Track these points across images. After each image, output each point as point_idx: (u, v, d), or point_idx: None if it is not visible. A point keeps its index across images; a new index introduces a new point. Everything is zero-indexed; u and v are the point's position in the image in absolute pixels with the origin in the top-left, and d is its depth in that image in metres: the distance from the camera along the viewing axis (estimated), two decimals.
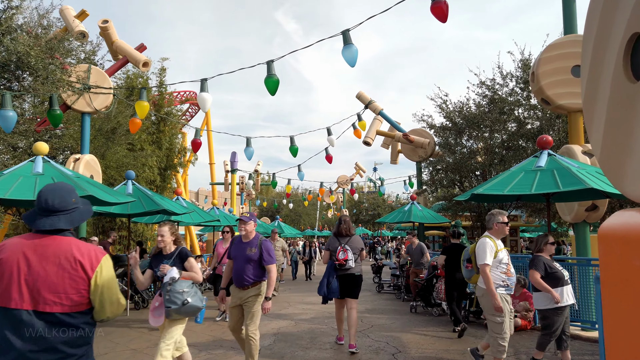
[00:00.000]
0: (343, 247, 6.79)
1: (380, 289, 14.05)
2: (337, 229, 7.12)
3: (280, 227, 22.45)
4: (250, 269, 5.31)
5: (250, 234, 5.46)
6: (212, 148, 33.23)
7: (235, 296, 5.44)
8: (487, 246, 5.28)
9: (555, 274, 5.54)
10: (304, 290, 14.64)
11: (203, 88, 11.64)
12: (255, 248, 5.35)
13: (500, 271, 5.32)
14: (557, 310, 5.44)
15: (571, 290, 5.58)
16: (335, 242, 6.95)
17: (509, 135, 15.75)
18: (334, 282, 6.74)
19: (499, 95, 16.18)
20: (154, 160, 20.67)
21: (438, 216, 14.39)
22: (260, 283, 5.42)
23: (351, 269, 6.77)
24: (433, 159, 17.19)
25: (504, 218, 5.47)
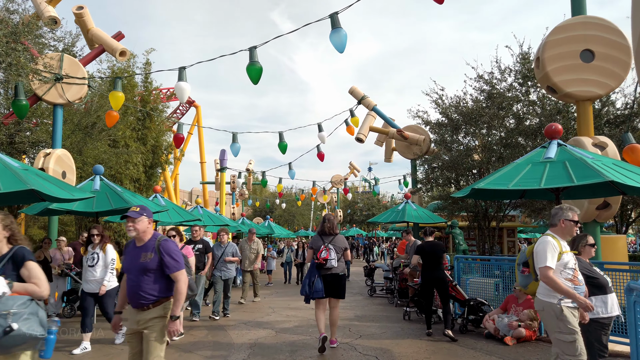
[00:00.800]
0: (326, 246, 6.71)
1: (372, 292, 13.19)
2: (321, 227, 7.05)
3: (271, 227, 21.57)
4: (148, 281, 3.97)
5: (143, 234, 4.03)
6: (203, 146, 32.35)
7: (132, 320, 4.07)
8: (549, 246, 4.21)
9: (597, 281, 4.68)
10: (291, 294, 13.76)
11: (181, 77, 10.78)
12: (152, 253, 3.98)
13: (565, 277, 4.23)
14: (599, 322, 4.60)
15: (616, 299, 4.72)
16: (318, 240, 6.88)
17: (507, 132, 14.93)
18: (317, 281, 6.60)
19: (497, 89, 15.37)
20: (139, 157, 19.79)
21: (434, 216, 13.54)
22: (166, 300, 4.06)
23: (334, 269, 6.68)
24: (428, 157, 16.34)
25: (575, 216, 4.40)
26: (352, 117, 17.74)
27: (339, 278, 6.75)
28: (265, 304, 11.65)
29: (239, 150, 14.89)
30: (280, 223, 45.73)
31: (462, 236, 13.98)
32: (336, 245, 6.78)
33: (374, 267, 13.67)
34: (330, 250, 6.66)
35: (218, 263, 9.68)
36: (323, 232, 6.93)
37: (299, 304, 11.42)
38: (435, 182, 16.18)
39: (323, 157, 18.69)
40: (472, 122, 15.25)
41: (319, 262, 6.60)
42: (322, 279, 6.64)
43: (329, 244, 6.75)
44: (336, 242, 6.82)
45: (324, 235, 6.91)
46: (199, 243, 9.28)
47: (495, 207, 15.54)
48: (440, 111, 16.72)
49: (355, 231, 39.32)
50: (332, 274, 6.69)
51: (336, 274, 6.71)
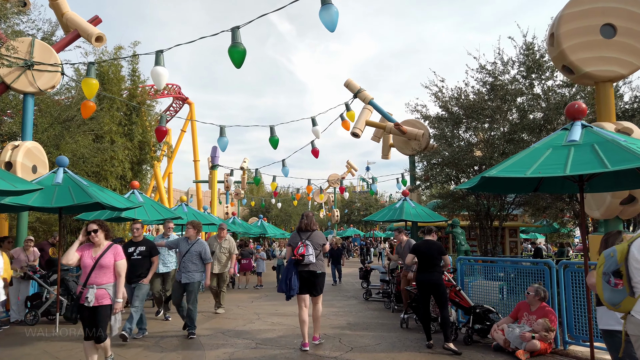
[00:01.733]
0: (303, 242, 6.72)
1: (367, 296, 12.22)
2: (299, 224, 7.08)
3: (264, 227, 20.58)
4: None
5: None
6: (197, 144, 31.38)
7: None
8: None
9: None
10: (281, 297, 12.75)
11: (158, 61, 9.82)
12: None
13: None
14: None
15: None
16: (296, 237, 6.90)
17: (511, 126, 13.98)
18: (294, 278, 6.57)
19: (500, 81, 14.43)
20: (126, 153, 18.84)
21: (433, 214, 12.58)
22: None
23: (311, 265, 6.67)
24: (427, 153, 15.38)
25: None
26: (348, 111, 16.79)
27: (316, 275, 6.71)
28: (250, 309, 10.68)
29: (227, 145, 13.95)
30: (276, 223, 44.73)
31: (463, 236, 13.03)
32: (313, 241, 6.76)
33: (369, 269, 12.70)
34: (307, 246, 6.63)
35: (181, 264, 7.78)
36: (300, 228, 6.93)
37: (287, 309, 10.45)
38: (435, 179, 15.23)
39: (317, 154, 17.74)
40: (474, 116, 14.32)
41: (296, 257, 6.58)
42: (299, 276, 6.63)
43: (306, 240, 6.74)
44: (313, 238, 6.80)
45: (302, 231, 6.90)
46: (142, 245, 7.58)
47: (498, 205, 14.59)
48: (440, 105, 15.78)
49: (353, 231, 38.35)
50: (309, 271, 6.66)
51: (314, 271, 6.68)
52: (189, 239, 7.89)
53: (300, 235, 6.88)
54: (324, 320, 8.95)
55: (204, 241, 8.14)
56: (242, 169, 29.57)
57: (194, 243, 7.83)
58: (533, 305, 6.58)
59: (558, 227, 20.58)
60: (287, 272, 6.62)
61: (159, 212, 10.57)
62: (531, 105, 13.97)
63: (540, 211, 16.40)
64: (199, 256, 7.77)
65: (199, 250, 7.77)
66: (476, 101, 14.22)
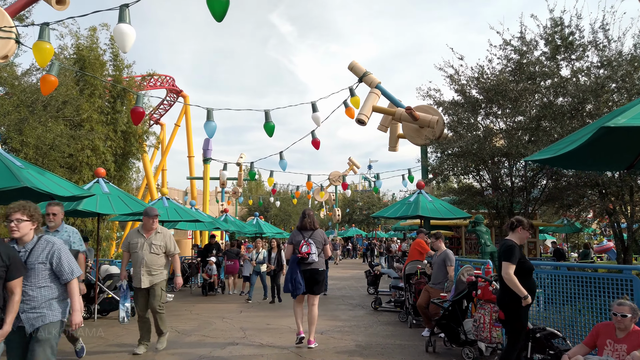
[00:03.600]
0: (306, 240, 6.53)
1: (377, 305, 10.29)
2: (300, 222, 6.80)
3: (260, 225, 18.65)
4: None
5: None
6: (191, 139, 29.47)
7: None
8: None
9: None
10: (274, 307, 10.89)
11: (122, 18, 7.91)
12: None
13: None
14: None
15: None
16: (298, 235, 6.68)
17: (541, 109, 12.06)
18: (299, 276, 6.40)
19: (527, 58, 12.52)
20: (108, 144, 16.95)
21: (454, 209, 10.64)
22: None
23: (314, 263, 6.51)
24: (443, 142, 13.46)
25: None
26: (352, 97, 14.85)
27: (319, 273, 6.58)
28: (236, 323, 8.75)
29: (214, 130, 12.00)
30: (275, 223, 42.79)
31: (488, 235, 11.10)
32: (316, 239, 6.59)
33: (378, 274, 10.75)
34: (311, 245, 6.46)
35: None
36: (303, 227, 6.69)
37: (281, 323, 8.55)
38: (452, 171, 13.30)
39: (318, 145, 15.82)
40: (496, 100, 12.40)
41: (301, 255, 6.39)
42: (303, 274, 6.45)
43: (309, 238, 6.54)
44: (316, 236, 6.63)
45: (304, 230, 6.68)
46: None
47: (524, 201, 12.65)
48: (456, 88, 13.87)
49: (355, 231, 36.41)
50: (312, 269, 6.51)
51: (316, 269, 6.54)
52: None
53: (303, 233, 6.64)
54: (325, 341, 7.07)
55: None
56: (239, 164, 27.64)
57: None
58: (622, 330, 4.65)
59: (580, 227, 18.62)
60: (292, 271, 6.44)
61: (128, 205, 8.65)
62: (558, 87, 12.05)
63: (565, 208, 14.48)
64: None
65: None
66: (500, 81, 12.32)
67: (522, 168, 12.89)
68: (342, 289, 14.92)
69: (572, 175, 12.39)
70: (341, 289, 14.87)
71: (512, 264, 4.51)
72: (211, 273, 12.71)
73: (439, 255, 7.56)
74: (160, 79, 27.99)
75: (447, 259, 7.40)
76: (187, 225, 13.76)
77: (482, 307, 5.18)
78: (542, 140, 11.59)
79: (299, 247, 6.46)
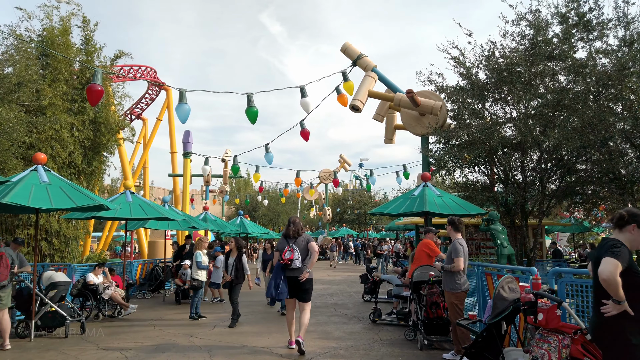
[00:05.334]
0: (290, 246, 6.47)
1: (376, 317, 8.63)
2: (285, 230, 6.76)
3: (244, 225, 16.93)
4: None
5: None
6: (174, 134, 27.59)
7: None
8: None
9: None
10: (256, 321, 9.21)
11: None
12: None
13: None
14: None
15: None
16: (284, 242, 6.63)
17: (558, 94, 10.51)
18: (283, 283, 6.35)
19: (543, 35, 10.97)
20: (75, 135, 15.14)
21: (467, 204, 9.01)
22: None
23: (299, 269, 6.42)
24: (447, 132, 11.86)
25: None
26: (345, 82, 13.27)
27: (305, 281, 6.44)
28: (204, 342, 7.05)
29: (188, 114, 10.34)
30: (264, 223, 41.01)
31: (505, 234, 9.51)
32: (300, 245, 6.52)
33: (378, 281, 9.10)
34: (294, 251, 6.40)
35: None
36: (287, 234, 6.67)
37: (260, 343, 6.91)
38: (458, 163, 11.70)
39: (307, 136, 14.21)
40: (509, 82, 10.81)
41: (284, 262, 6.37)
42: (288, 281, 6.41)
43: (294, 244, 6.49)
44: (299, 242, 6.55)
45: (288, 237, 6.66)
46: None
47: (539, 196, 11.09)
48: (462, 72, 12.28)
49: (346, 231, 34.73)
50: (297, 276, 6.40)
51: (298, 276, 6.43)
52: None
53: (288, 240, 6.63)
54: None
55: None
56: (224, 160, 25.90)
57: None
58: None
59: (589, 226, 17.16)
60: (276, 276, 6.42)
61: (71, 197, 6.89)
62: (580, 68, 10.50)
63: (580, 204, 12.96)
64: None
65: None
66: (513, 60, 10.74)
67: (536, 160, 11.33)
68: (334, 294, 13.27)
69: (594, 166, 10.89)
70: (332, 295, 13.21)
71: (619, 262, 2.86)
72: (185, 278, 10.99)
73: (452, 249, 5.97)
74: (141, 70, 26.11)
75: (452, 249, 5.83)
76: (157, 224, 12.02)
77: (544, 339, 3.54)
78: (559, 129, 10.04)
79: (282, 254, 6.42)
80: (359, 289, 14.39)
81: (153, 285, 13.09)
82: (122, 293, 9.51)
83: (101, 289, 9.18)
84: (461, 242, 5.90)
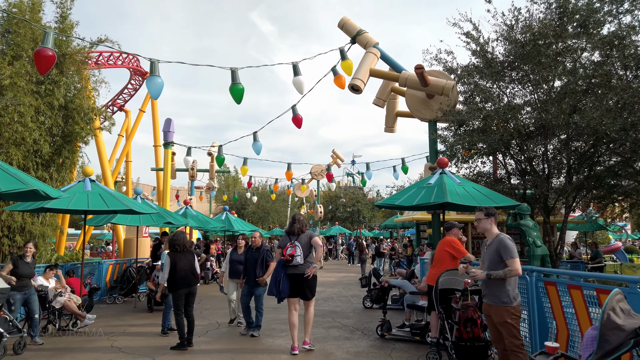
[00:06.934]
0: (292, 243, 6.27)
1: (385, 331, 7.02)
2: (289, 227, 6.52)
3: (230, 221, 15.25)
4: None
5: None
6: (158, 126, 25.78)
7: None
8: None
9: None
10: (236, 341, 7.59)
11: None
12: None
13: None
14: None
15: None
16: (286, 239, 6.42)
17: (593, 69, 9.00)
18: (284, 280, 6.15)
19: (573, 3, 9.47)
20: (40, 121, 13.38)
21: (497, 195, 7.39)
22: None
23: (300, 266, 6.18)
24: (461, 114, 10.30)
25: None
26: (344, 60, 11.63)
27: (305, 278, 6.18)
28: None
29: (161, 88, 8.68)
30: (253, 221, 39.25)
31: (537, 231, 7.95)
32: (302, 242, 6.27)
33: (387, 287, 7.48)
34: (296, 247, 6.19)
35: None
36: (292, 232, 6.42)
37: None
38: (474, 150, 10.15)
39: (300, 123, 12.57)
40: (535, 56, 9.28)
41: (285, 258, 6.18)
42: (289, 278, 6.20)
43: (296, 241, 6.27)
44: (302, 239, 6.31)
45: (292, 235, 6.41)
46: None
47: (569, 188, 9.56)
48: (475, 49, 10.76)
49: (338, 230, 33.11)
50: (299, 274, 6.18)
51: (302, 273, 6.18)
52: None
53: (290, 237, 6.37)
54: None
55: None
56: (210, 154, 24.18)
57: None
58: None
59: (604, 224, 15.73)
60: (277, 274, 6.22)
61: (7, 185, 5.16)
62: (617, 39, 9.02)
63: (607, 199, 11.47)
64: None
65: None
66: (541, 30, 9.21)
67: (561, 146, 9.80)
68: (329, 299, 11.67)
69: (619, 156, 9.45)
70: (328, 299, 11.61)
71: None
72: (158, 281, 9.29)
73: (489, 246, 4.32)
74: (122, 58, 24.26)
75: (500, 247, 4.17)
76: (127, 219, 10.31)
77: None
78: (593, 109, 8.54)
79: (284, 249, 6.23)
80: (356, 292, 12.82)
81: (125, 289, 11.40)
82: (77, 300, 7.81)
83: (51, 295, 7.48)
84: (510, 238, 4.30)
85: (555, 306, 4.34)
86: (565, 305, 4.17)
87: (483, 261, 4.25)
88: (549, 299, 4.45)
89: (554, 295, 4.34)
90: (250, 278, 7.29)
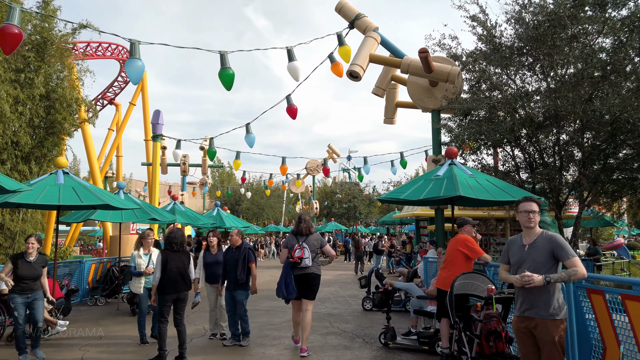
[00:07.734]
0: (300, 244, 6.11)
1: (389, 339, 6.28)
2: (296, 227, 6.36)
3: (221, 217, 14.48)
4: None
5: None
6: (148, 120, 24.88)
7: None
8: None
9: None
10: (220, 352, 6.81)
11: None
12: None
13: None
14: None
15: None
16: (293, 240, 6.27)
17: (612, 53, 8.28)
18: (292, 282, 6.02)
19: None
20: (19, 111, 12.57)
21: (511, 188, 6.64)
22: None
23: (308, 268, 6.07)
24: (468, 101, 9.56)
25: None
26: (341, 46, 10.86)
27: (313, 278, 6.12)
28: None
29: (141, 72, 7.88)
30: (247, 217, 38.44)
31: (556, 228, 7.23)
32: (310, 244, 6.13)
33: (390, 289, 6.73)
34: (304, 249, 6.06)
35: None
36: (299, 232, 6.26)
37: None
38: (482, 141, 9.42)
39: (295, 113, 11.83)
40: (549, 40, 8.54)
41: (293, 260, 6.02)
42: (296, 279, 6.06)
43: (304, 242, 6.13)
44: (310, 241, 6.17)
45: (299, 235, 6.27)
46: None
47: (587, 182, 8.84)
48: (481, 33, 10.02)
49: (334, 226, 32.36)
50: (306, 274, 6.07)
51: (310, 273, 6.09)
52: None
53: (298, 238, 6.23)
54: None
55: None
56: (202, 149, 23.38)
57: None
58: None
59: (611, 220, 15.07)
60: (285, 275, 6.05)
61: None
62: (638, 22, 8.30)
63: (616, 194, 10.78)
64: None
65: None
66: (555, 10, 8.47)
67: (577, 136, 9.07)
68: (326, 300, 10.93)
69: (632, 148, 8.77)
70: (324, 300, 10.87)
71: None
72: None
73: (531, 245, 3.51)
74: (111, 49, 23.37)
75: (556, 248, 3.37)
76: (107, 215, 9.52)
77: None
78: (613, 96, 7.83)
79: (292, 252, 6.07)
80: (354, 293, 12.10)
81: (108, 290, 10.62)
82: (47, 306, 7.00)
83: None
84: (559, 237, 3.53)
85: (602, 319, 3.58)
86: (615, 318, 3.43)
87: (519, 264, 3.47)
88: (593, 310, 3.69)
89: (601, 306, 3.58)
90: (231, 281, 6.40)
